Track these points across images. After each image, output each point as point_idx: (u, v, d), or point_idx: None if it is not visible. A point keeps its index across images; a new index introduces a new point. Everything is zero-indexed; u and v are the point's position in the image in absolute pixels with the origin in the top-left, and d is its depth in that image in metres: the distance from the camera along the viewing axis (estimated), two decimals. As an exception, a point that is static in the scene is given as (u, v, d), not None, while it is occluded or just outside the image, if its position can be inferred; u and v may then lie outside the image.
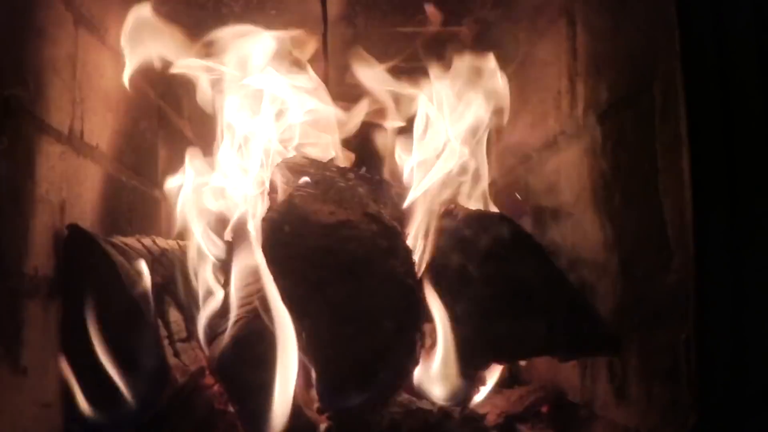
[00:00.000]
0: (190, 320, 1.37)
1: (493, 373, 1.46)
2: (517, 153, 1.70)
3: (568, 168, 1.36)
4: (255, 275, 1.25)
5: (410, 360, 1.13)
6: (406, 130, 1.57)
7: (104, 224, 1.39)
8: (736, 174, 0.89)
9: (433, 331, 1.21)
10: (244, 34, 1.51)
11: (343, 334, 1.07)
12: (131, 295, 1.19)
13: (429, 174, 1.46)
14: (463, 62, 1.49)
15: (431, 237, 1.40)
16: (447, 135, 1.47)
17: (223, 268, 1.44)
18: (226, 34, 1.51)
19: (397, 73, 1.59)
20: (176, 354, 1.26)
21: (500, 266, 1.22)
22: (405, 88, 1.54)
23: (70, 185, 1.22)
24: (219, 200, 1.54)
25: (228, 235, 1.49)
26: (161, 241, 1.47)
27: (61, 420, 1.13)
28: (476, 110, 1.47)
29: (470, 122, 1.47)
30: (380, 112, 1.57)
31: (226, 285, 1.36)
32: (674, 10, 0.92)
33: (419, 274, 1.26)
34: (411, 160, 1.51)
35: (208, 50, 1.51)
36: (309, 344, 1.08)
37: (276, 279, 1.13)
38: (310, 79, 1.56)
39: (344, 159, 1.61)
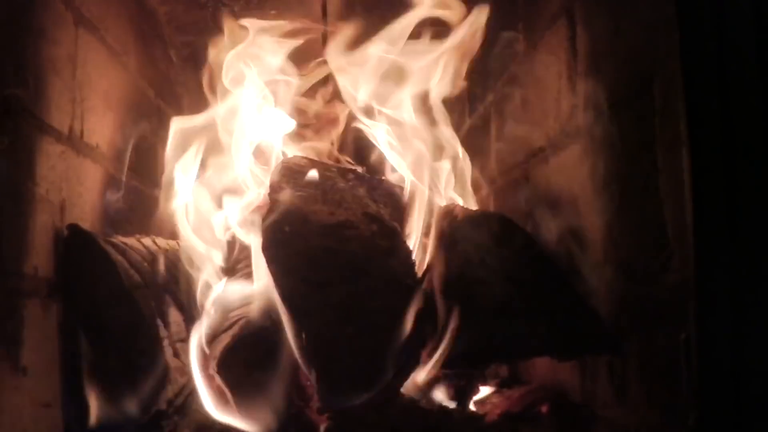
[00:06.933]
0: (190, 320, 1.38)
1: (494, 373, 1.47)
2: (516, 153, 1.70)
3: (568, 168, 1.36)
4: (255, 275, 1.26)
5: (410, 360, 1.13)
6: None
7: (104, 224, 1.39)
8: (736, 174, 0.89)
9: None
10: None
11: (343, 334, 1.07)
12: (131, 295, 1.19)
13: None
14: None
15: (431, 237, 1.40)
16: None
17: (224, 268, 1.44)
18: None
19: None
20: (176, 354, 1.26)
21: (500, 266, 1.22)
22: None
23: (70, 185, 1.22)
24: (219, 201, 1.54)
25: (228, 235, 1.49)
26: (161, 241, 1.47)
27: (61, 420, 1.13)
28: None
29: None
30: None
31: (226, 285, 1.36)
32: (674, 10, 0.92)
33: (419, 274, 1.26)
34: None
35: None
36: (309, 344, 1.07)
37: (276, 279, 1.13)
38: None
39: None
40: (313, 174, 1.33)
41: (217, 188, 1.56)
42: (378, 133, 1.57)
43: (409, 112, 1.53)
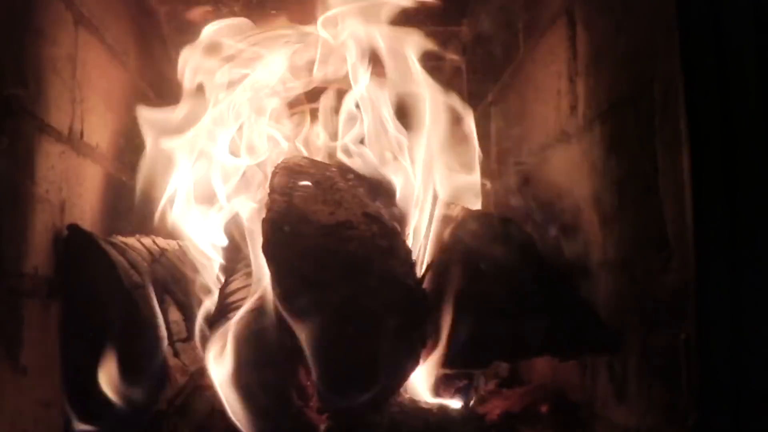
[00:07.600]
0: (190, 320, 1.38)
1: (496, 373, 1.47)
2: (517, 153, 1.70)
3: (568, 168, 1.36)
4: (255, 275, 1.26)
5: (410, 360, 1.13)
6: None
7: (104, 224, 1.39)
8: (737, 174, 0.89)
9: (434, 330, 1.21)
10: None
11: (343, 334, 1.07)
12: (131, 295, 1.19)
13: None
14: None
15: (431, 237, 1.40)
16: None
17: (224, 268, 1.44)
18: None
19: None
20: (176, 354, 1.26)
21: (500, 266, 1.22)
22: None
23: (70, 185, 1.22)
24: (219, 200, 1.54)
25: (228, 235, 1.49)
26: (161, 241, 1.47)
27: (61, 420, 1.13)
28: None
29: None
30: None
31: (226, 285, 1.37)
32: (674, 10, 0.92)
33: (419, 274, 1.26)
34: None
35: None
36: (309, 344, 1.07)
37: (276, 279, 1.13)
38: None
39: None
40: (312, 174, 1.33)
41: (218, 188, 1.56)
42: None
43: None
